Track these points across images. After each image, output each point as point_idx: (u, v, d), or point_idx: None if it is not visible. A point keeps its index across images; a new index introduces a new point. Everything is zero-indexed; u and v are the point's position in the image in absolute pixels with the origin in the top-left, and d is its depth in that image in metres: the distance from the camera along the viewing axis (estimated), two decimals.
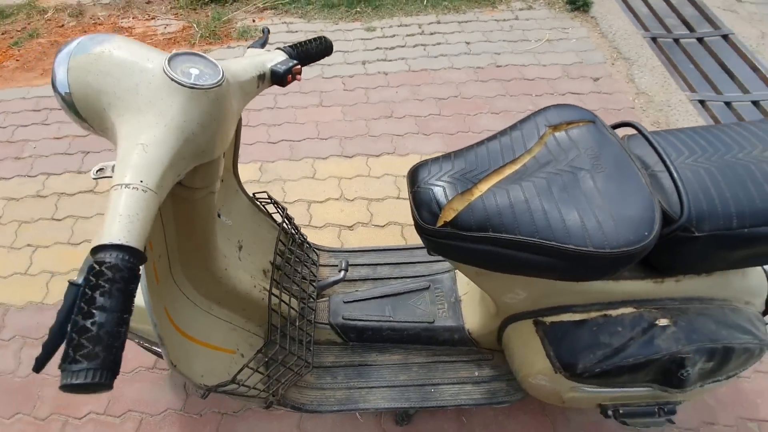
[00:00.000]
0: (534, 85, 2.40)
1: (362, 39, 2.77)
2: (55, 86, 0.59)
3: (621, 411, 0.98)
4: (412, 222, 0.82)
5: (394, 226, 1.83)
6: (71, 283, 0.49)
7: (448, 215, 0.74)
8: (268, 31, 0.98)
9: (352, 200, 1.92)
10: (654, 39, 2.65)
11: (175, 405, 1.38)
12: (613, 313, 0.84)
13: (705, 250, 0.74)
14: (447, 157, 0.83)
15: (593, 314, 0.86)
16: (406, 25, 2.86)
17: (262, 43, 0.92)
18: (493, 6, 2.97)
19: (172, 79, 0.58)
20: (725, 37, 2.61)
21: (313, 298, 1.20)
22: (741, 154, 0.75)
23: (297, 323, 1.08)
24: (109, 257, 0.47)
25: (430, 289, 1.24)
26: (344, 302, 1.23)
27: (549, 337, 0.88)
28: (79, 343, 0.43)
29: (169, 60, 0.60)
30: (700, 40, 2.63)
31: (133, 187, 0.52)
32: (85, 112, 0.61)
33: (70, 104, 0.60)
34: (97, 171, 0.79)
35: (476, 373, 1.16)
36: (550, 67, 2.50)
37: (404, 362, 1.19)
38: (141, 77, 0.59)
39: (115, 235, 0.49)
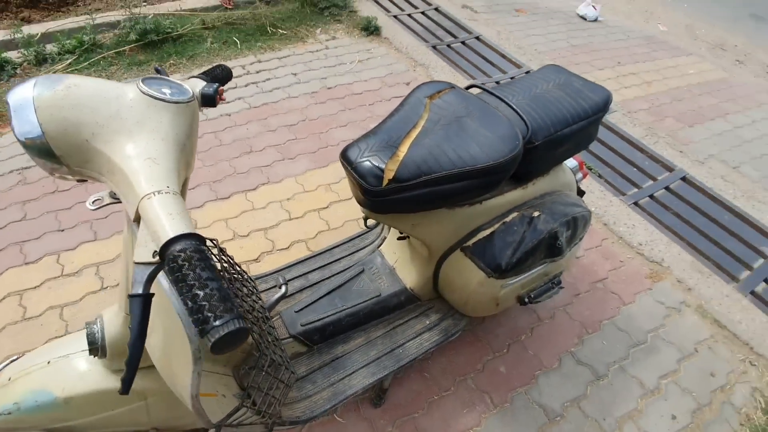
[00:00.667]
0: (364, 97, 2.79)
1: None
2: (22, 132, 0.56)
3: (531, 295, 1.32)
4: (353, 197, 0.98)
5: (299, 243, 1.90)
6: (132, 296, 0.50)
7: (389, 175, 0.93)
8: (161, 69, 1.00)
9: (247, 235, 1.91)
10: (434, 47, 3.37)
11: None
12: (507, 219, 1.16)
13: (544, 153, 1.11)
14: (366, 136, 1.02)
15: (496, 226, 1.16)
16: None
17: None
18: (303, 41, 3.29)
19: (156, 98, 0.62)
20: (477, 38, 3.50)
21: (268, 318, 1.22)
22: (540, 89, 1.16)
23: (268, 344, 1.09)
24: (183, 245, 0.50)
25: (365, 271, 1.39)
26: (295, 312, 1.27)
27: (475, 254, 1.15)
28: (210, 305, 0.46)
29: (142, 82, 0.63)
30: (463, 42, 3.46)
31: (165, 192, 0.56)
32: (63, 149, 0.58)
33: (41, 147, 0.57)
34: (94, 201, 0.74)
35: (427, 322, 1.36)
36: (371, 81, 2.94)
37: (368, 341, 1.31)
38: (119, 103, 0.61)
39: (175, 229, 0.52)
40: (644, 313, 1.81)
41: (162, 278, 0.65)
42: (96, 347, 0.85)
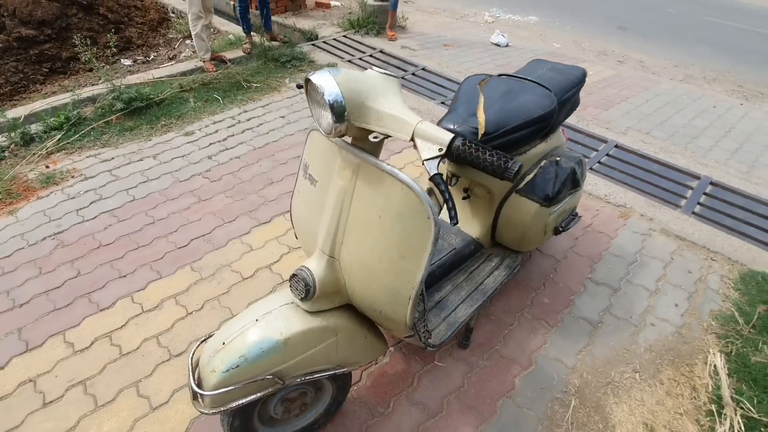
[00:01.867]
0: None
1: (189, 143, 2.91)
2: (330, 99, 0.85)
3: (563, 225, 1.73)
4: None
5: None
6: (436, 174, 0.82)
7: (481, 130, 1.30)
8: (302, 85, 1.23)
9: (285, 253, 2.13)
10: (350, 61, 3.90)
11: None
12: (543, 163, 1.58)
13: (561, 110, 1.56)
14: (448, 115, 1.41)
15: (535, 170, 1.57)
16: (219, 121, 3.17)
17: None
18: (278, 91, 3.64)
19: (386, 74, 0.95)
20: (424, 68, 4.11)
21: None
22: (541, 72, 1.64)
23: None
24: (458, 140, 0.84)
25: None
26: None
27: (528, 192, 1.53)
28: (499, 157, 0.81)
29: (372, 69, 0.96)
30: (413, 74, 4.05)
31: (423, 120, 0.88)
32: (350, 108, 0.89)
33: (340, 108, 0.86)
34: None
35: (493, 263, 1.70)
36: None
37: (455, 286, 1.60)
38: (373, 79, 0.93)
39: (447, 135, 0.84)
40: (627, 241, 2.31)
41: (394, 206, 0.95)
42: (309, 288, 1.08)
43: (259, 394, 1.07)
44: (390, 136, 0.93)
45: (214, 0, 3.86)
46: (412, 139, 0.90)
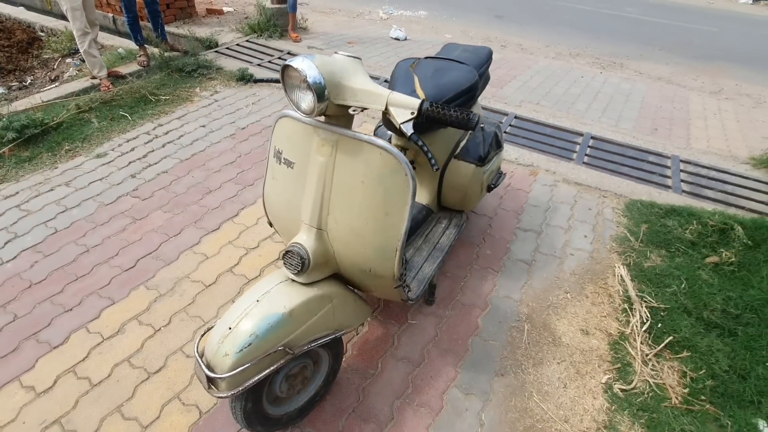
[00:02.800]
0: None
1: (104, 164, 2.71)
2: (312, 82, 0.95)
3: (493, 183, 2.02)
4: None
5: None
6: (413, 133, 0.97)
7: (423, 96, 1.50)
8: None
9: (257, 246, 2.16)
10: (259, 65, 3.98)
11: None
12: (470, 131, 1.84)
13: (480, 83, 1.82)
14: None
15: (467, 137, 1.82)
16: (133, 138, 2.98)
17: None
18: (190, 101, 3.51)
19: (351, 57, 1.08)
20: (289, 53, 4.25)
21: None
22: (458, 53, 1.89)
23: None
24: (426, 104, 1.00)
25: None
26: None
27: (464, 156, 1.78)
28: (462, 112, 0.98)
29: (337, 53, 1.08)
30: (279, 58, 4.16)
31: (392, 91, 1.03)
32: (330, 88, 1.00)
33: (320, 88, 0.97)
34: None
35: (443, 224, 1.93)
36: (274, 114, 3.36)
37: (416, 248, 1.80)
38: (342, 60, 1.05)
39: (415, 101, 1.00)
40: (540, 193, 2.72)
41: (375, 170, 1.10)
42: (304, 261, 1.18)
43: (272, 368, 1.15)
44: (366, 108, 1.07)
45: (96, 13, 3.57)
46: (386, 108, 1.06)
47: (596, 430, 1.52)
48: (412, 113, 1.04)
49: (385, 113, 1.06)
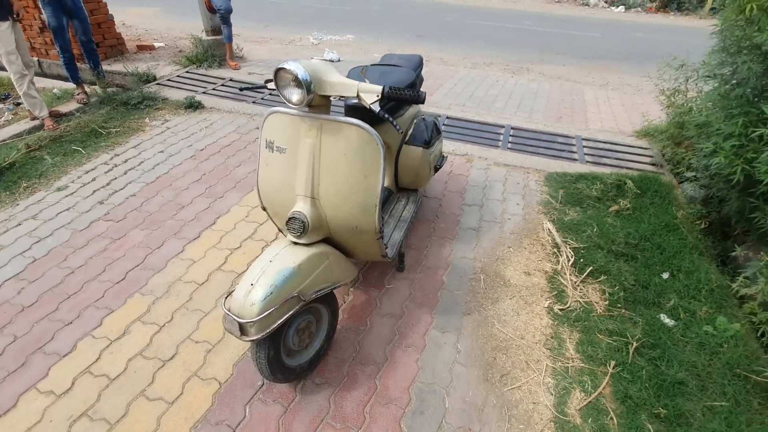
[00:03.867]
0: (235, 145, 3.42)
1: (67, 196, 2.77)
2: (302, 79, 1.26)
3: (438, 164, 2.43)
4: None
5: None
6: (381, 109, 1.32)
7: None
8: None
9: (240, 246, 2.37)
10: (254, 102, 4.22)
11: None
12: (415, 121, 2.24)
13: (417, 84, 2.23)
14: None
15: (413, 126, 2.22)
16: (92, 170, 3.05)
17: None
18: (142, 130, 3.61)
19: (328, 60, 1.40)
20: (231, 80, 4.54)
21: None
22: (397, 59, 2.29)
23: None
24: (387, 89, 1.35)
25: None
26: None
27: (413, 141, 2.17)
28: (414, 91, 1.34)
29: (314, 57, 1.40)
30: (270, 93, 4.44)
31: (360, 82, 1.37)
32: (314, 82, 1.31)
33: (308, 84, 1.28)
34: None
35: (403, 201, 2.29)
36: (228, 135, 3.58)
37: (386, 221, 2.14)
38: (319, 63, 1.37)
39: (378, 87, 1.35)
40: (477, 175, 3.20)
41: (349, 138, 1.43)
42: (304, 224, 1.47)
43: (290, 313, 1.41)
44: (344, 97, 1.41)
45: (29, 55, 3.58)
46: (357, 94, 1.40)
47: (546, 341, 1.93)
48: (378, 96, 1.39)
49: (355, 101, 1.41)
